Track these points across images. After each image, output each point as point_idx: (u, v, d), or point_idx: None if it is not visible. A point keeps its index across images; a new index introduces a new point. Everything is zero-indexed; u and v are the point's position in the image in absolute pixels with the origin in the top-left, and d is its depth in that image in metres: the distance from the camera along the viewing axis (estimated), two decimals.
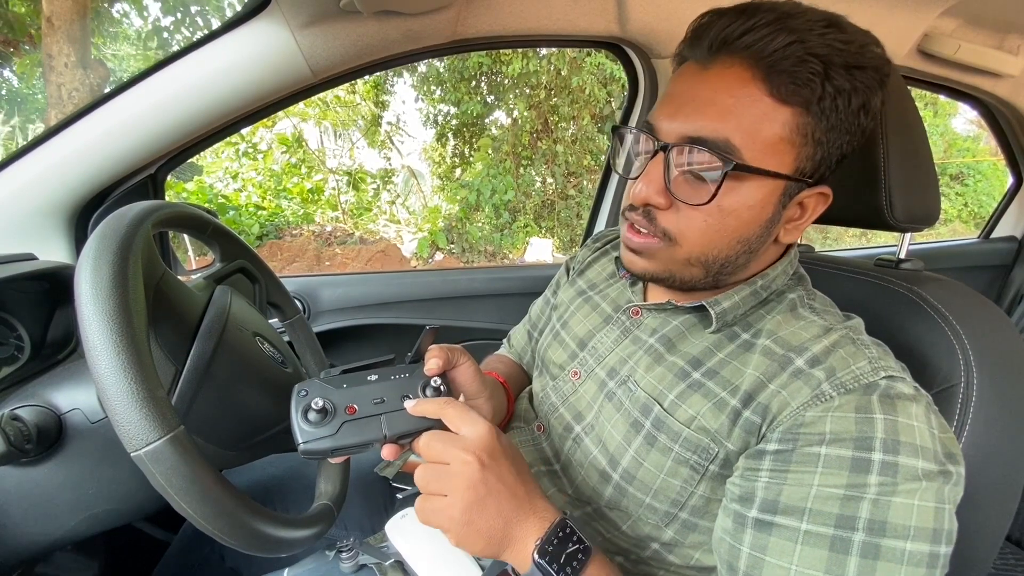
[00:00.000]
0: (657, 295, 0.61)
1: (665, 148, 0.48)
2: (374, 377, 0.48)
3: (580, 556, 0.43)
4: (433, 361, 0.51)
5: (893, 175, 0.58)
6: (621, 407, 0.56)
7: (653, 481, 0.52)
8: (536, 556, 0.42)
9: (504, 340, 0.92)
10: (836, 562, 0.39)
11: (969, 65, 1.22)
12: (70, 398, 0.53)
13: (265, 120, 4.82)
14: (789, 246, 0.57)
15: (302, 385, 0.46)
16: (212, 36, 0.81)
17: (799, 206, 0.51)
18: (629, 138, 0.56)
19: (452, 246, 5.61)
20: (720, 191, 0.46)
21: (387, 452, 0.48)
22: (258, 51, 0.82)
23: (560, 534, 0.43)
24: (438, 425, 0.47)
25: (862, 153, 0.58)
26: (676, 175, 0.48)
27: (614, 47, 1.16)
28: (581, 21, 1.01)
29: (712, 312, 0.53)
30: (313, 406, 0.44)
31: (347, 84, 5.41)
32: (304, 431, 0.44)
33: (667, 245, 0.50)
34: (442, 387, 0.49)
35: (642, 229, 0.51)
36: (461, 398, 0.56)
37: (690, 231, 0.49)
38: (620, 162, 0.57)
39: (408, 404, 0.47)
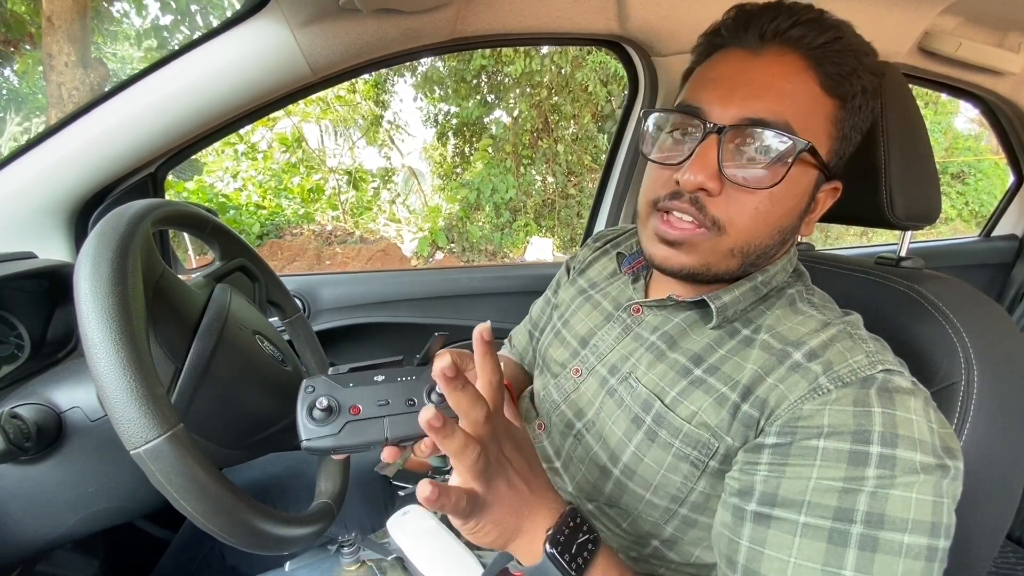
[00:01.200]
0: (658, 291, 0.61)
1: (720, 131, 0.47)
2: (381, 378, 0.48)
3: (590, 546, 0.42)
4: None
5: (894, 172, 0.58)
6: (622, 403, 0.56)
7: (653, 477, 0.52)
8: (548, 547, 0.41)
9: (505, 340, 0.92)
10: (834, 554, 0.39)
11: (970, 63, 1.22)
12: (70, 396, 0.54)
13: (265, 119, 4.82)
14: (789, 243, 0.57)
15: (309, 381, 0.46)
16: (212, 34, 0.81)
17: (814, 199, 0.52)
18: (652, 123, 0.54)
19: (452, 245, 5.61)
20: (788, 173, 0.46)
21: (387, 454, 0.47)
22: (258, 49, 0.82)
23: (571, 524, 0.42)
24: None
25: (862, 150, 0.58)
26: (730, 158, 0.47)
27: (614, 45, 1.16)
28: (581, 19, 1.01)
29: (713, 307, 0.53)
30: (318, 404, 0.44)
31: (347, 83, 5.41)
32: (308, 428, 0.44)
33: (714, 235, 0.49)
34: None
35: (686, 217, 0.49)
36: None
37: (740, 218, 0.48)
38: (651, 149, 0.54)
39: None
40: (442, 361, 0.49)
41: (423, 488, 0.34)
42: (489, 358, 0.38)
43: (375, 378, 0.48)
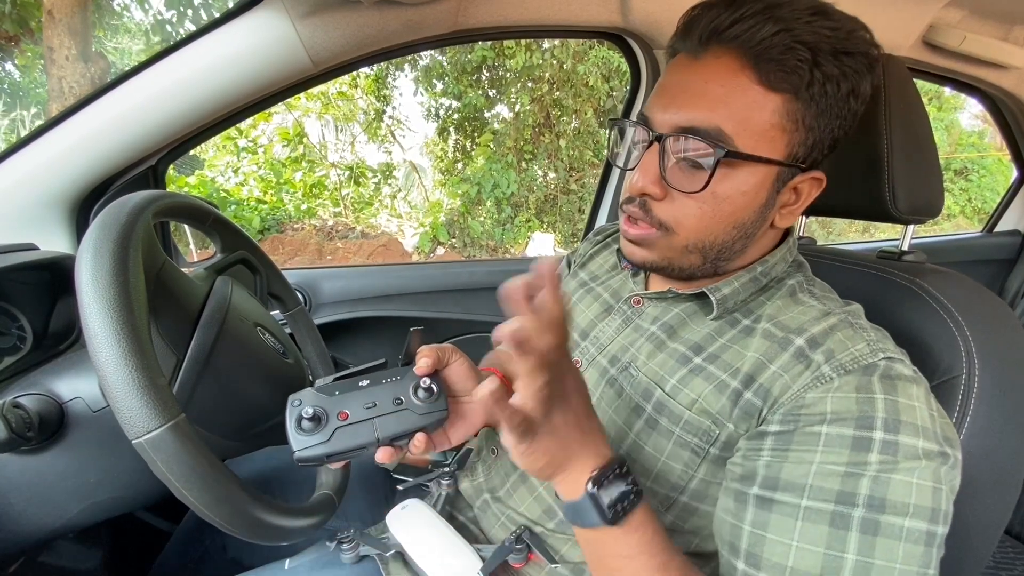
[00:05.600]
0: (658, 284, 0.62)
1: (659, 139, 0.49)
2: (366, 382, 0.48)
3: (632, 497, 0.43)
4: (423, 361, 0.50)
5: (896, 166, 0.58)
6: (622, 392, 0.56)
7: (654, 465, 0.52)
8: (590, 486, 0.41)
9: None
10: (836, 538, 0.40)
11: (975, 57, 1.21)
12: (72, 387, 0.54)
13: (263, 114, 4.80)
14: (787, 233, 0.57)
15: (295, 396, 0.46)
16: (212, 26, 0.81)
17: (793, 191, 0.51)
18: (627, 130, 0.57)
19: (454, 240, 5.60)
20: (713, 178, 0.47)
21: (382, 455, 0.47)
22: (258, 41, 0.81)
23: (616, 471, 0.42)
24: (431, 426, 0.47)
25: (865, 144, 0.58)
26: (671, 164, 0.49)
27: (616, 38, 1.15)
28: (583, 11, 1.01)
29: (713, 299, 0.53)
30: (304, 415, 0.44)
31: (348, 77, 5.39)
32: (298, 439, 0.44)
33: (664, 235, 0.51)
34: (433, 386, 0.49)
35: (639, 220, 0.52)
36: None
37: (686, 219, 0.50)
38: (620, 154, 0.58)
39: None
40: (425, 359, 0.50)
41: (491, 382, 0.35)
42: (556, 290, 0.37)
43: (360, 383, 0.48)
